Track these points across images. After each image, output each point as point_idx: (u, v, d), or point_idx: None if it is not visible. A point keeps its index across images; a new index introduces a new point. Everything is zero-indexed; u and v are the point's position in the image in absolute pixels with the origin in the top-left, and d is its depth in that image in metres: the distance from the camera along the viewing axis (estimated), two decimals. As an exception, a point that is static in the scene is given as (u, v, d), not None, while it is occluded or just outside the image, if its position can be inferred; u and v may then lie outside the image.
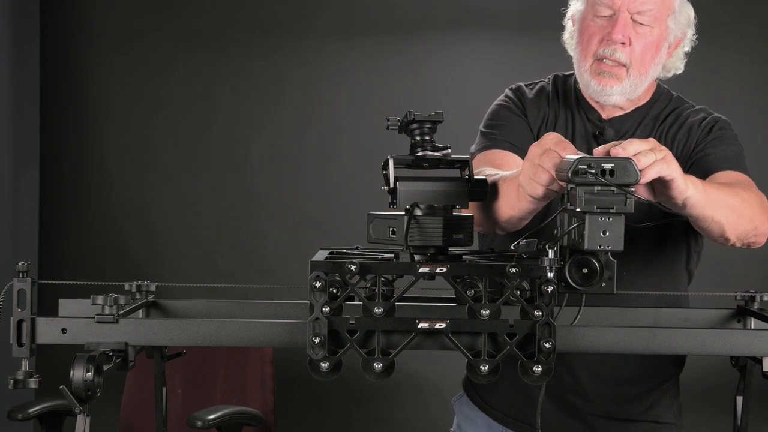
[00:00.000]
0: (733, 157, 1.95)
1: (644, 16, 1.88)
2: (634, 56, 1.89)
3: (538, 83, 2.11)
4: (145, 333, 1.47)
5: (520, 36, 4.49)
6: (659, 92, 2.05)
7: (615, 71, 1.90)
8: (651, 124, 2.01)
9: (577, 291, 1.42)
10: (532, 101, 2.05)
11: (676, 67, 2.01)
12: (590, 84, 1.93)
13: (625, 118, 1.99)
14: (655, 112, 2.02)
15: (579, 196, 1.36)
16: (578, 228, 1.38)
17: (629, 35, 1.88)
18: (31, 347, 1.44)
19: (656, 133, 1.99)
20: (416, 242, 1.44)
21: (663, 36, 1.92)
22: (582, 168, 1.36)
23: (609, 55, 1.89)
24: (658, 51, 1.92)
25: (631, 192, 1.37)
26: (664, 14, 1.91)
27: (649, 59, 1.91)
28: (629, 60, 1.89)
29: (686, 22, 1.96)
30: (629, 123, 1.99)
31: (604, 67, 1.91)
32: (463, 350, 1.37)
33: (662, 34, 1.91)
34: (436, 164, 1.53)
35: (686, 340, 1.43)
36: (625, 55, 1.89)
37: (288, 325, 1.45)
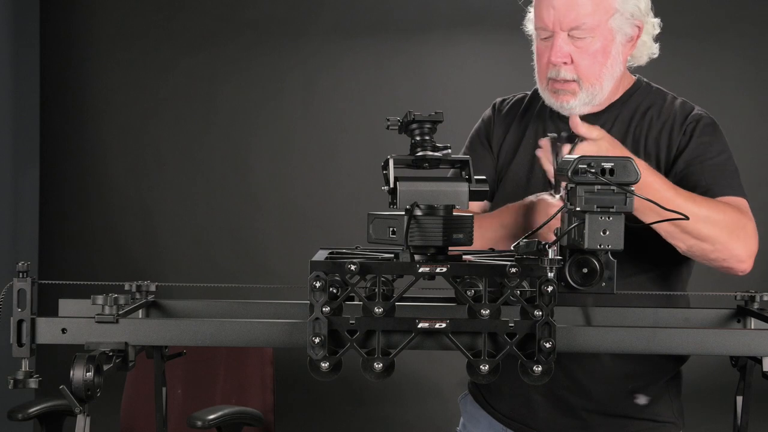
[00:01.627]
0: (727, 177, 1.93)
1: (580, 30, 1.88)
2: (581, 71, 1.89)
3: (517, 97, 2.14)
4: (145, 333, 1.47)
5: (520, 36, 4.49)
6: (636, 86, 2.03)
7: (567, 88, 1.91)
8: (627, 121, 1.99)
9: (577, 291, 1.42)
10: (502, 119, 2.11)
11: (649, 53, 2.00)
12: (550, 101, 1.96)
13: (598, 115, 1.98)
14: (632, 106, 2.00)
15: (579, 195, 1.36)
16: (578, 227, 1.38)
17: (569, 53, 1.88)
18: (31, 347, 1.44)
19: (634, 131, 1.98)
20: (416, 242, 1.44)
21: (609, 39, 1.90)
22: (582, 167, 1.36)
23: (555, 77, 1.91)
24: (607, 55, 1.91)
25: (631, 191, 1.37)
26: (602, 20, 1.89)
27: (599, 67, 1.90)
28: (576, 75, 1.90)
29: (638, 13, 1.93)
30: (603, 119, 1.98)
31: (557, 86, 1.92)
32: (463, 350, 1.37)
33: (607, 38, 1.90)
34: (436, 164, 1.53)
35: (686, 340, 1.43)
36: (571, 73, 1.90)
37: (288, 325, 1.45)
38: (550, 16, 1.88)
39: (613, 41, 1.90)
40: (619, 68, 1.95)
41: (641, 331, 1.45)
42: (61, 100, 4.58)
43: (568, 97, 1.92)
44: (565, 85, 1.90)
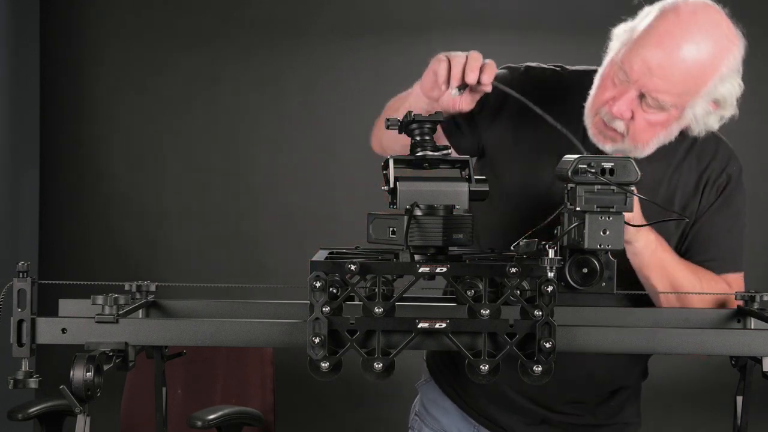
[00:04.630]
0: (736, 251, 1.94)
1: (654, 101, 1.73)
2: (632, 130, 1.76)
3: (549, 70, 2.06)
4: (145, 333, 1.47)
5: (520, 36, 4.50)
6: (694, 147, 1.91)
7: (612, 135, 1.79)
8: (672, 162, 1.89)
9: (577, 291, 1.42)
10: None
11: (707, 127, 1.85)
12: (590, 134, 1.82)
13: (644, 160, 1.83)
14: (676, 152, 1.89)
15: (579, 195, 1.37)
16: (578, 227, 1.38)
17: (632, 110, 1.75)
18: (31, 347, 1.44)
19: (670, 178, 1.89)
20: (416, 242, 1.44)
21: (675, 117, 1.77)
22: (582, 167, 1.36)
23: (607, 122, 1.78)
24: (665, 128, 1.78)
25: (631, 191, 1.37)
26: (683, 102, 1.75)
27: (651, 135, 1.77)
28: (626, 131, 1.77)
29: (720, 100, 1.79)
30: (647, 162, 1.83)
31: (602, 128, 1.79)
32: (463, 350, 1.37)
33: (674, 116, 1.77)
34: (436, 164, 1.54)
35: (686, 340, 1.43)
36: (623, 127, 1.77)
37: (288, 325, 1.45)
38: (637, 72, 1.72)
39: (677, 120, 1.79)
40: (670, 138, 1.82)
41: (641, 331, 1.45)
42: (61, 100, 4.57)
43: (608, 141, 1.79)
44: (611, 132, 1.78)
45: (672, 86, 1.72)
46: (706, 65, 1.74)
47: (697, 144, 1.90)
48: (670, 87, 1.72)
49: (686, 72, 1.72)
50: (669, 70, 1.71)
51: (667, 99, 1.73)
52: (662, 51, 1.71)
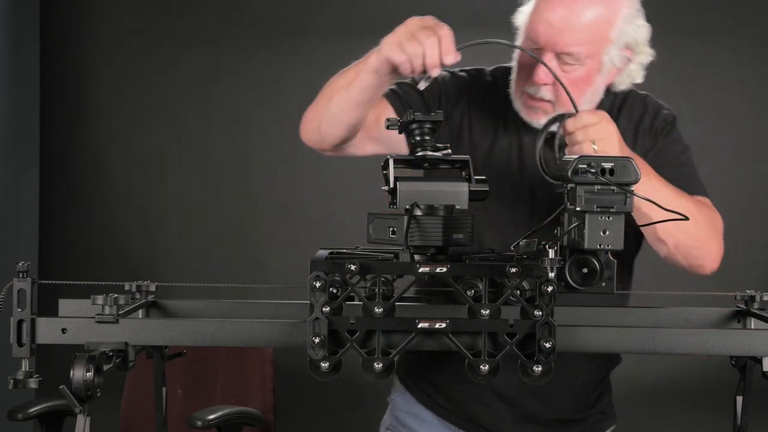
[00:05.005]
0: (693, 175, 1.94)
1: (570, 57, 1.80)
2: (560, 93, 1.80)
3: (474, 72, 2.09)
4: (145, 333, 1.47)
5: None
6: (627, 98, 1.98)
7: (542, 107, 1.84)
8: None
9: (577, 291, 1.42)
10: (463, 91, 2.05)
11: (631, 79, 1.92)
12: (521, 112, 1.89)
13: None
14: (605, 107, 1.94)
15: (579, 195, 1.37)
16: (578, 227, 1.38)
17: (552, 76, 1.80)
18: (31, 347, 1.44)
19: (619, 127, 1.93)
20: (416, 242, 1.44)
21: (595, 68, 1.83)
22: (582, 167, 1.36)
23: (534, 94, 1.84)
24: (589, 84, 1.84)
25: (631, 191, 1.37)
26: (596, 51, 1.82)
27: (578, 94, 1.81)
28: (554, 98, 1.83)
29: (633, 44, 1.86)
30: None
31: (531, 103, 1.85)
32: (463, 350, 1.37)
33: (594, 67, 1.83)
34: (436, 164, 1.54)
35: (686, 340, 1.44)
36: (550, 94, 1.83)
37: (288, 325, 1.45)
38: (546, 35, 1.80)
39: (598, 72, 1.84)
40: (598, 96, 1.89)
41: (641, 331, 1.45)
42: (61, 100, 4.58)
43: (540, 114, 1.85)
44: (541, 104, 1.84)
45: (580, 35, 1.79)
46: (607, 8, 1.81)
47: (627, 102, 1.97)
48: (579, 37, 1.79)
49: (589, 19, 1.80)
50: (572, 22, 1.79)
51: (580, 50, 1.80)
52: (560, 7, 1.80)
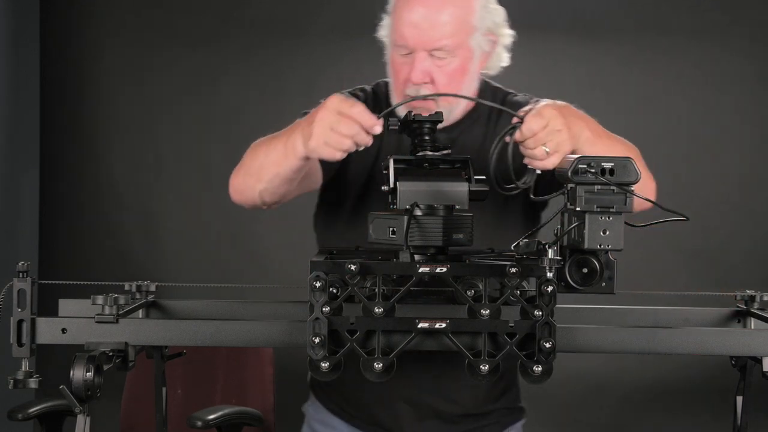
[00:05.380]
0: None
1: (441, 51, 1.84)
2: (440, 90, 1.85)
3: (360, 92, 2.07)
4: (145, 333, 1.47)
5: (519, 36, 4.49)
6: (482, 90, 2.00)
7: (426, 106, 1.84)
8: (485, 120, 1.98)
9: (577, 291, 1.42)
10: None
11: (500, 64, 1.98)
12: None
13: (453, 127, 1.95)
14: (485, 111, 1.98)
15: (579, 195, 1.37)
16: (578, 227, 1.38)
17: (429, 73, 1.85)
18: (31, 347, 1.44)
19: (492, 127, 1.97)
20: (416, 242, 1.44)
21: (468, 56, 1.88)
22: (582, 167, 1.36)
23: (414, 95, 1.86)
24: (465, 73, 1.88)
25: (631, 191, 1.37)
26: (463, 40, 1.86)
27: (457, 85, 1.87)
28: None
29: (494, 27, 1.92)
30: (459, 129, 1.95)
31: (415, 104, 1.84)
32: (463, 350, 1.37)
33: (466, 56, 1.88)
34: (436, 164, 1.54)
35: (686, 340, 1.44)
36: (431, 91, 1.86)
37: (288, 325, 1.45)
38: (413, 36, 1.83)
39: (471, 59, 1.89)
40: (475, 84, 1.94)
41: (641, 331, 1.45)
42: (61, 100, 4.57)
43: (424, 113, 1.84)
44: (424, 103, 1.85)
45: (445, 29, 1.83)
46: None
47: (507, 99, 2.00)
48: (444, 30, 1.83)
49: (450, 11, 1.84)
50: (434, 18, 1.83)
51: (448, 42, 1.84)
52: (419, 6, 1.83)
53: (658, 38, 4.52)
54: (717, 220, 4.39)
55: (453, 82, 1.86)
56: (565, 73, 4.46)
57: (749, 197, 4.42)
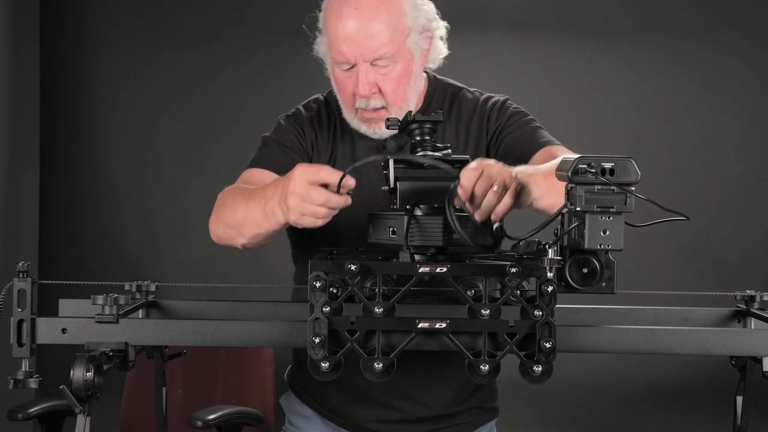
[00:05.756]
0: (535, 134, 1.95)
1: (383, 59, 1.84)
2: (388, 97, 1.86)
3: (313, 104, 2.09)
4: (145, 333, 1.47)
5: (519, 36, 4.50)
6: (432, 86, 2.01)
7: (378, 116, 1.87)
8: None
9: (577, 291, 1.42)
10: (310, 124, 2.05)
11: (440, 56, 1.97)
12: (361, 128, 1.92)
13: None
14: (435, 107, 1.99)
15: (579, 195, 1.36)
16: (578, 227, 1.38)
17: (375, 82, 1.85)
18: (31, 347, 1.44)
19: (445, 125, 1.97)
20: (416, 242, 1.44)
21: (409, 58, 1.88)
22: (582, 167, 1.36)
23: (365, 107, 1.87)
24: (410, 75, 1.88)
25: (631, 191, 1.37)
26: (401, 43, 1.86)
27: (404, 89, 1.87)
28: (385, 102, 1.87)
29: (428, 24, 1.91)
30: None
31: (367, 115, 1.88)
32: (463, 350, 1.37)
33: (407, 58, 1.87)
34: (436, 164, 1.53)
35: (686, 339, 1.44)
36: (380, 101, 1.86)
37: (288, 325, 1.45)
38: (351, 50, 1.83)
39: (412, 60, 1.89)
40: (421, 83, 1.95)
41: (641, 331, 1.45)
42: (61, 100, 4.58)
43: (379, 123, 1.88)
44: (375, 114, 1.87)
45: (381, 37, 1.82)
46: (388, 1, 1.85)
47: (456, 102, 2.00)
48: (381, 38, 1.82)
49: (381, 18, 1.83)
50: (368, 28, 1.82)
51: (387, 49, 1.83)
52: (350, 18, 1.83)
53: (657, 38, 4.52)
54: (717, 220, 4.40)
55: (399, 87, 1.86)
56: (564, 73, 4.47)
57: (749, 197, 4.42)
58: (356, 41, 1.82)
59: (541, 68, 4.42)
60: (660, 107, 4.48)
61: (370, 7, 1.83)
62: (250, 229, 1.75)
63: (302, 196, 1.55)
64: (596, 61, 4.50)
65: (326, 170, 1.55)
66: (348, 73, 1.87)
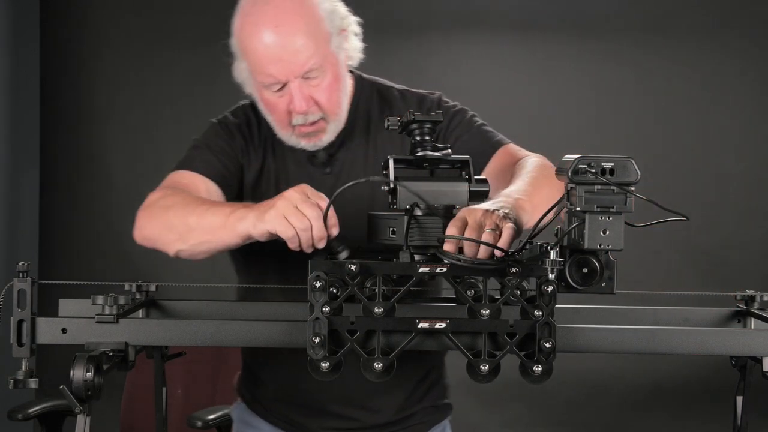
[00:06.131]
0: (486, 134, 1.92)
1: (313, 71, 1.79)
2: (324, 107, 1.82)
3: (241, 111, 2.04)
4: (145, 333, 1.47)
5: (520, 36, 4.50)
6: (358, 85, 1.97)
7: (318, 128, 1.84)
8: (364, 123, 1.95)
9: (577, 291, 1.42)
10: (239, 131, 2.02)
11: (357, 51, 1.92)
12: (300, 144, 1.88)
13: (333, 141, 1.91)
14: (363, 108, 1.95)
15: (579, 195, 1.36)
16: (578, 227, 1.38)
17: (310, 96, 1.80)
18: (31, 347, 1.44)
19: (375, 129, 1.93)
20: (416, 242, 1.44)
21: (335, 63, 1.84)
22: (582, 167, 1.36)
23: (304, 122, 1.83)
24: (339, 80, 1.85)
25: (631, 191, 1.37)
26: (326, 50, 1.81)
27: (337, 94, 1.84)
28: (322, 113, 1.83)
29: (341, 23, 1.87)
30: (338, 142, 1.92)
31: (305, 130, 1.84)
32: (463, 350, 1.37)
33: (334, 63, 1.84)
34: (436, 164, 1.54)
35: (686, 339, 1.44)
36: (317, 113, 1.82)
37: (288, 325, 1.45)
38: (280, 70, 1.78)
39: (338, 64, 1.85)
40: (349, 84, 1.91)
41: (641, 331, 1.45)
42: (61, 100, 4.58)
43: (319, 135, 1.85)
44: (314, 127, 1.84)
45: (306, 50, 1.77)
46: (306, 9, 1.80)
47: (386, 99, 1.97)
48: (307, 51, 1.77)
49: (301, 30, 1.77)
50: (291, 44, 1.77)
51: (315, 61, 1.78)
52: (271, 38, 1.77)
53: (657, 38, 4.52)
54: (717, 220, 4.40)
55: (333, 94, 1.83)
56: (564, 73, 4.47)
57: (749, 197, 4.42)
58: (284, 59, 1.77)
59: (541, 68, 4.42)
60: (660, 107, 4.48)
61: (288, 21, 1.78)
62: (199, 235, 1.69)
63: (295, 201, 1.54)
64: (596, 61, 4.50)
65: (325, 199, 1.57)
66: (279, 93, 1.82)
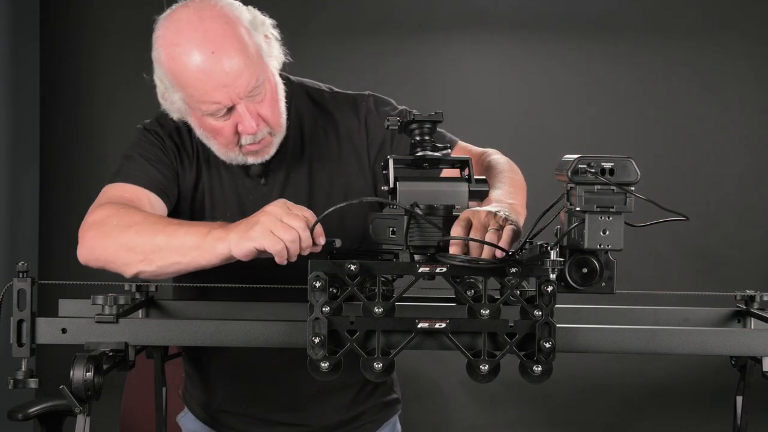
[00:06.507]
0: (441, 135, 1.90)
1: (257, 88, 1.75)
2: (270, 121, 1.79)
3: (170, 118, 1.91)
4: (145, 333, 1.47)
5: (520, 36, 4.49)
6: (289, 89, 1.93)
7: (265, 143, 1.81)
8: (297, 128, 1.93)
9: (577, 291, 1.42)
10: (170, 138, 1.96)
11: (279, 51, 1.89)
12: (248, 161, 1.84)
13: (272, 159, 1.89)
14: (295, 112, 1.93)
15: (579, 195, 1.36)
16: (578, 227, 1.38)
17: (257, 114, 1.76)
18: (31, 347, 1.44)
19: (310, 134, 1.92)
20: (416, 242, 1.44)
21: (271, 75, 1.81)
22: (582, 167, 1.36)
23: (253, 141, 1.79)
24: (277, 90, 1.82)
25: (631, 191, 1.37)
26: (260, 63, 1.77)
27: (278, 104, 1.81)
28: (269, 128, 1.80)
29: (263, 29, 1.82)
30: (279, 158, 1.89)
31: (254, 148, 1.80)
32: (463, 350, 1.37)
33: (270, 74, 1.80)
34: (436, 164, 1.54)
35: (686, 339, 1.44)
36: (265, 128, 1.79)
37: (288, 325, 1.45)
38: (225, 95, 1.71)
39: (274, 74, 1.82)
40: (284, 91, 1.87)
41: (641, 331, 1.45)
42: (61, 100, 4.58)
43: (266, 149, 1.82)
44: (263, 142, 1.80)
45: (246, 68, 1.72)
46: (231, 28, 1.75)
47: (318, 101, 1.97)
48: (247, 70, 1.72)
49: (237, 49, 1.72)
50: (230, 65, 1.71)
51: (255, 78, 1.73)
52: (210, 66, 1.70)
53: (657, 38, 4.52)
54: (717, 220, 4.40)
55: (275, 106, 1.80)
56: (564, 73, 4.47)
57: (749, 197, 4.42)
58: (228, 84, 1.71)
59: (541, 68, 4.42)
60: (660, 107, 4.48)
61: (221, 43, 1.71)
62: (168, 256, 1.60)
63: (279, 215, 1.50)
64: (596, 61, 4.50)
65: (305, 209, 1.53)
66: (225, 117, 1.76)
